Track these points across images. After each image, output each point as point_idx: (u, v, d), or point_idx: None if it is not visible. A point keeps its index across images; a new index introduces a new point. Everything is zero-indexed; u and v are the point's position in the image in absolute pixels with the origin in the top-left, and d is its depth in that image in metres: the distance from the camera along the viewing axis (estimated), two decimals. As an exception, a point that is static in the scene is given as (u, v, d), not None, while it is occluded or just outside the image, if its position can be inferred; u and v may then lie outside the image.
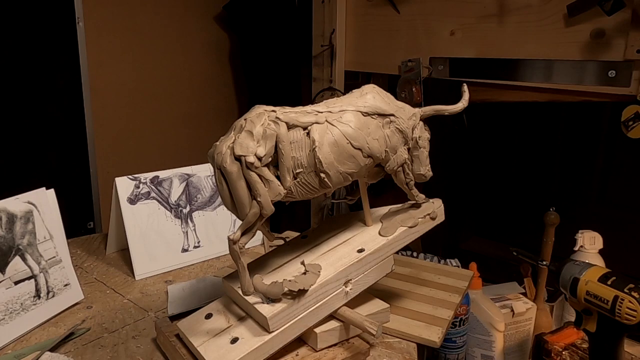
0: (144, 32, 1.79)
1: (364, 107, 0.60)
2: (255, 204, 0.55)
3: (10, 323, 0.68)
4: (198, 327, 0.61)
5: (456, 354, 0.97)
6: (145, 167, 0.97)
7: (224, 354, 0.55)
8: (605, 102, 1.08)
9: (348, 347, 0.62)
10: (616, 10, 0.98)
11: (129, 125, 1.80)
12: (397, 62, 1.35)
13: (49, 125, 1.41)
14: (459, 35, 1.24)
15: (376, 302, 0.67)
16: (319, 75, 1.51)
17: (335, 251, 0.64)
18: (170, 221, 0.93)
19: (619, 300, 0.66)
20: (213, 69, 2.08)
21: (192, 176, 0.96)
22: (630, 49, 1.00)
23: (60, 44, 1.40)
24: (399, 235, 0.65)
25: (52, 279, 0.75)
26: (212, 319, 0.61)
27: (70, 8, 1.39)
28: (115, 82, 1.72)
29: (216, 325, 0.60)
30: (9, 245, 0.70)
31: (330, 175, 0.57)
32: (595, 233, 1.08)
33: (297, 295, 0.57)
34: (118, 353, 0.65)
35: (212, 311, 0.63)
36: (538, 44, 1.12)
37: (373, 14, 1.40)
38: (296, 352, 0.61)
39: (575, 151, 1.47)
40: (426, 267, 0.88)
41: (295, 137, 0.56)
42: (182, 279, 0.87)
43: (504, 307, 1.11)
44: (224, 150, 0.55)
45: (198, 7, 1.97)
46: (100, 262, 0.94)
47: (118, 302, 0.79)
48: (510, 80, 1.18)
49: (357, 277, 0.62)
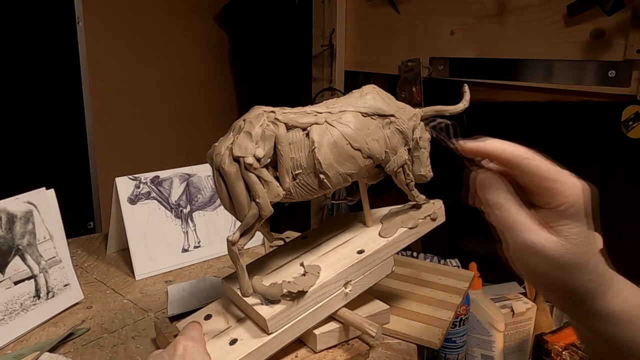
0: (144, 32, 1.79)
1: (364, 107, 0.60)
2: (254, 205, 0.55)
3: (9, 323, 0.68)
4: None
5: (456, 354, 0.97)
6: (145, 167, 0.97)
7: (223, 355, 0.55)
8: (605, 102, 1.08)
9: (348, 348, 0.62)
10: (616, 10, 0.98)
11: (129, 125, 1.80)
12: (397, 62, 1.35)
13: (49, 125, 1.41)
14: (459, 35, 1.24)
15: (376, 303, 0.67)
16: (319, 75, 1.51)
17: (335, 252, 0.64)
18: (171, 221, 0.93)
19: (618, 301, 0.65)
20: (213, 69, 2.08)
21: (193, 176, 0.96)
22: (630, 49, 1.00)
23: (60, 44, 1.40)
24: (399, 236, 0.65)
25: (52, 279, 0.75)
26: (212, 320, 0.61)
27: (70, 8, 1.39)
28: (115, 82, 1.73)
29: (215, 327, 0.60)
30: (9, 246, 0.70)
31: (330, 176, 0.57)
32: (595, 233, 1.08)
33: (296, 296, 0.57)
34: (117, 353, 0.65)
35: (211, 312, 0.63)
36: (538, 44, 1.12)
37: (373, 14, 1.40)
38: (295, 353, 0.61)
39: (576, 151, 1.47)
40: (426, 268, 0.88)
41: (294, 138, 0.56)
42: (182, 279, 0.87)
43: (504, 307, 1.11)
44: (222, 151, 0.55)
45: (198, 7, 1.97)
46: (101, 262, 0.94)
47: (118, 302, 0.79)
48: (510, 80, 1.18)
49: (357, 278, 0.62)
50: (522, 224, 0.40)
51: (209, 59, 2.06)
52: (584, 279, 0.40)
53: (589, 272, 0.40)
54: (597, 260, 0.40)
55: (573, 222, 0.39)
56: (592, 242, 0.40)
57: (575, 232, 0.39)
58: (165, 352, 0.52)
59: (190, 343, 0.53)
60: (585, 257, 0.39)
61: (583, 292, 0.40)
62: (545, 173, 0.40)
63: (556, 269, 0.40)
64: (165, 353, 0.52)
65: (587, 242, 0.40)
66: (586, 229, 0.40)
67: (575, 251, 0.39)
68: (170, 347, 0.53)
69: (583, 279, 0.40)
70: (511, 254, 0.42)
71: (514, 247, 0.41)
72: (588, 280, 0.40)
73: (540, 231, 0.40)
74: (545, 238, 0.39)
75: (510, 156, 0.41)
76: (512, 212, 0.41)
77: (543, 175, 0.40)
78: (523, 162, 0.40)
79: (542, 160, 0.40)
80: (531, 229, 0.40)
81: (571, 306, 0.43)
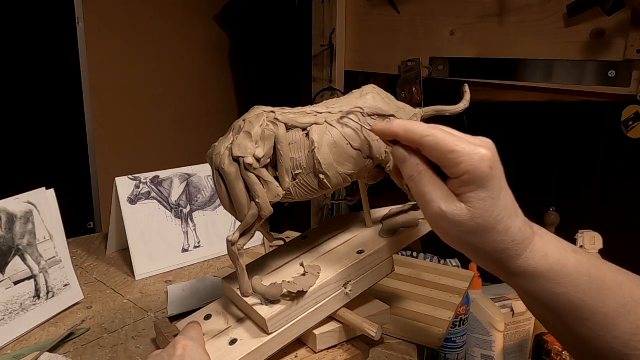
0: (144, 32, 1.79)
1: (364, 107, 0.60)
2: (254, 205, 0.55)
3: (9, 323, 0.68)
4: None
5: (456, 354, 0.97)
6: (145, 167, 0.97)
7: (223, 356, 0.55)
8: (605, 102, 1.08)
9: (348, 348, 0.62)
10: (616, 10, 0.98)
11: (129, 125, 1.80)
12: (397, 62, 1.35)
13: (49, 125, 1.41)
14: (459, 35, 1.24)
15: (376, 304, 0.67)
16: (319, 75, 1.51)
17: (335, 252, 0.64)
18: (171, 221, 0.93)
19: (618, 301, 0.65)
20: (213, 69, 2.08)
21: (193, 176, 0.96)
22: (630, 49, 1.00)
23: (60, 44, 1.40)
24: (400, 236, 0.65)
25: (52, 279, 0.75)
26: (211, 320, 0.61)
27: (70, 8, 1.39)
28: (115, 82, 1.73)
29: (215, 327, 0.60)
30: (9, 246, 0.70)
31: (330, 177, 0.57)
32: (595, 233, 1.08)
33: (296, 296, 0.57)
34: (117, 354, 0.65)
35: (211, 312, 0.63)
36: (538, 44, 1.12)
37: (373, 14, 1.40)
38: (295, 353, 0.61)
39: (576, 151, 1.47)
40: (426, 268, 0.88)
41: (294, 138, 0.56)
42: (182, 279, 0.87)
43: (504, 307, 1.11)
44: (222, 152, 0.55)
45: (198, 7, 1.97)
46: (101, 262, 0.94)
47: (118, 302, 0.79)
48: (510, 80, 1.18)
49: (357, 278, 0.62)
50: (432, 194, 0.43)
51: (209, 59, 2.06)
52: (495, 241, 0.42)
53: (500, 233, 0.42)
54: (509, 222, 0.42)
55: (477, 188, 0.41)
56: (502, 205, 0.42)
57: (479, 197, 0.41)
58: (165, 352, 0.52)
59: (190, 343, 0.53)
60: (492, 221, 0.41)
61: (497, 253, 0.43)
62: (443, 146, 0.42)
63: (467, 233, 0.42)
64: (164, 353, 0.52)
65: (494, 206, 0.41)
66: (492, 194, 0.41)
67: (482, 216, 0.41)
68: (169, 347, 0.53)
69: (494, 241, 0.42)
70: (429, 223, 0.45)
71: (428, 216, 0.44)
72: (500, 242, 0.42)
73: (448, 199, 0.43)
74: (452, 206, 0.42)
75: (412, 135, 0.44)
76: (423, 183, 0.44)
77: (441, 148, 0.42)
78: (423, 140, 0.43)
79: (442, 132, 0.43)
80: (440, 198, 0.43)
81: (492, 267, 0.45)
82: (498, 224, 0.42)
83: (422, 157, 0.44)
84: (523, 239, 0.43)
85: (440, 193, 0.43)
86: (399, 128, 0.45)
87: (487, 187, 0.41)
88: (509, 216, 0.42)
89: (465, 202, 0.42)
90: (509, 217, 0.42)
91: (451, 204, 0.42)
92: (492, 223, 0.42)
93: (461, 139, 0.42)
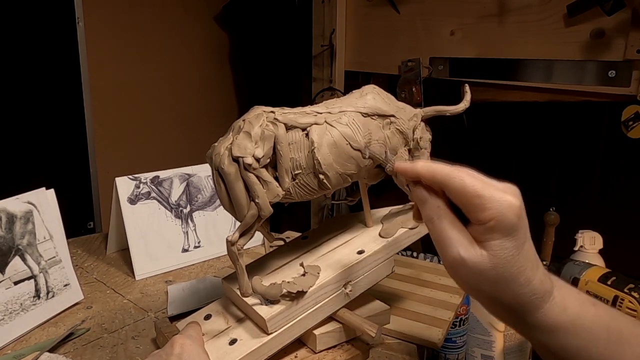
0: (144, 32, 1.79)
1: (364, 107, 0.60)
2: (254, 205, 0.55)
3: (9, 323, 0.68)
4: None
5: (456, 354, 0.97)
6: (145, 167, 0.97)
7: (223, 355, 0.55)
8: (605, 102, 1.08)
9: (347, 348, 0.62)
10: (616, 10, 0.98)
11: (129, 125, 1.80)
12: (397, 62, 1.35)
13: (49, 125, 1.41)
14: (459, 35, 1.24)
15: (376, 304, 0.67)
16: (319, 75, 1.51)
17: (335, 252, 0.64)
18: (171, 221, 0.93)
19: (619, 300, 0.66)
20: (213, 69, 2.08)
21: (193, 176, 0.96)
22: (630, 49, 1.00)
23: (60, 44, 1.39)
24: (400, 236, 0.65)
25: (52, 279, 0.75)
26: (211, 320, 0.61)
27: (70, 8, 1.39)
28: (115, 82, 1.73)
29: (215, 327, 0.60)
30: (9, 246, 0.70)
31: (329, 177, 0.57)
32: (595, 233, 1.08)
33: (295, 297, 0.57)
34: (117, 354, 0.65)
35: (211, 312, 0.63)
36: (538, 44, 1.12)
37: (373, 14, 1.40)
38: (295, 353, 0.61)
39: (575, 151, 1.47)
40: (427, 268, 0.88)
41: (294, 138, 0.56)
42: (182, 279, 0.87)
43: (504, 307, 1.11)
44: (221, 152, 0.55)
45: (198, 7, 1.97)
46: (101, 262, 0.94)
47: (118, 302, 0.79)
48: (510, 80, 1.18)
49: (357, 278, 0.62)
50: (452, 239, 0.41)
51: (209, 59, 2.06)
52: (516, 293, 0.40)
53: (521, 285, 0.40)
54: (531, 275, 0.40)
55: (502, 236, 0.40)
56: (525, 256, 0.40)
57: (504, 246, 0.40)
58: (162, 351, 0.52)
59: (188, 341, 0.53)
60: (515, 271, 0.40)
61: (517, 305, 0.41)
62: (470, 190, 0.40)
63: (486, 283, 0.41)
64: (162, 352, 0.52)
65: (518, 257, 0.40)
66: (517, 244, 0.40)
67: (504, 265, 0.40)
68: (167, 346, 0.53)
69: (515, 293, 0.40)
70: (446, 268, 0.43)
71: (446, 261, 0.42)
72: (520, 295, 0.41)
73: (469, 246, 0.41)
74: (473, 253, 0.40)
75: (436, 176, 0.42)
76: (443, 226, 0.42)
77: (468, 192, 0.40)
78: (448, 182, 0.41)
79: (469, 176, 0.41)
80: (460, 243, 0.41)
81: (509, 319, 0.43)
82: (520, 275, 0.40)
83: (443, 199, 0.43)
84: (544, 292, 0.41)
85: (460, 238, 0.41)
86: (423, 169, 0.43)
87: (513, 236, 0.40)
88: (531, 268, 0.41)
89: (488, 250, 0.40)
90: (531, 269, 0.41)
91: (472, 250, 0.40)
92: (514, 274, 0.40)
93: (489, 184, 0.40)
